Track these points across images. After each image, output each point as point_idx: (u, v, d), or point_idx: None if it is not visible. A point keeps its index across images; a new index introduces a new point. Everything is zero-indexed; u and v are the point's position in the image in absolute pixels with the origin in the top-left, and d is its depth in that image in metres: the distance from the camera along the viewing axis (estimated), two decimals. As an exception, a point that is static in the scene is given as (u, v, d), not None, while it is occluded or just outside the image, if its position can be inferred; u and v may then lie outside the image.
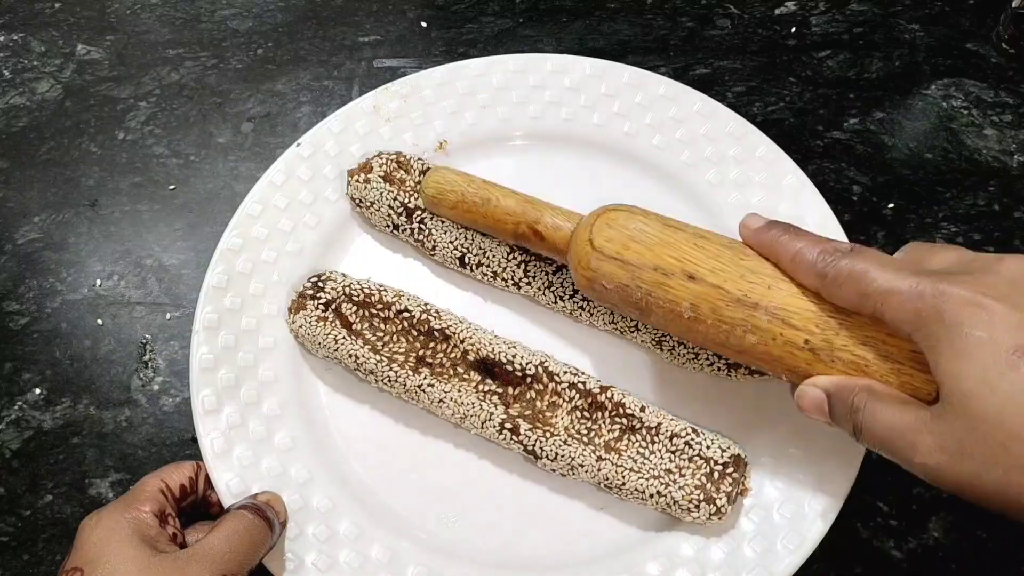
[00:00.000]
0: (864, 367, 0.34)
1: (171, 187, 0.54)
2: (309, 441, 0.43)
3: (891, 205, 0.53)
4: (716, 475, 0.40)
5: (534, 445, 0.41)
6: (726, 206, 0.48)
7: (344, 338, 0.43)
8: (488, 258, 0.46)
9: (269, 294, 0.46)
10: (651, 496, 0.40)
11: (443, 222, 0.47)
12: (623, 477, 0.40)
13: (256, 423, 0.43)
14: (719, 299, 0.36)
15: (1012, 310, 0.29)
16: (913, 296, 0.31)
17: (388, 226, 0.48)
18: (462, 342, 0.43)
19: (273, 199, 0.48)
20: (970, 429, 0.29)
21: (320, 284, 0.45)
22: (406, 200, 0.47)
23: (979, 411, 0.29)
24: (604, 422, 0.42)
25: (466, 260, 0.47)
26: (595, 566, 0.41)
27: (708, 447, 0.41)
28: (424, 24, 0.61)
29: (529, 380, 0.42)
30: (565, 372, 0.43)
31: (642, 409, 0.42)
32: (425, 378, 0.42)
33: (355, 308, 0.44)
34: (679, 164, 0.50)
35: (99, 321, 0.50)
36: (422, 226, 0.47)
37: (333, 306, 0.44)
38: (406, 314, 0.44)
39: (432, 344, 0.43)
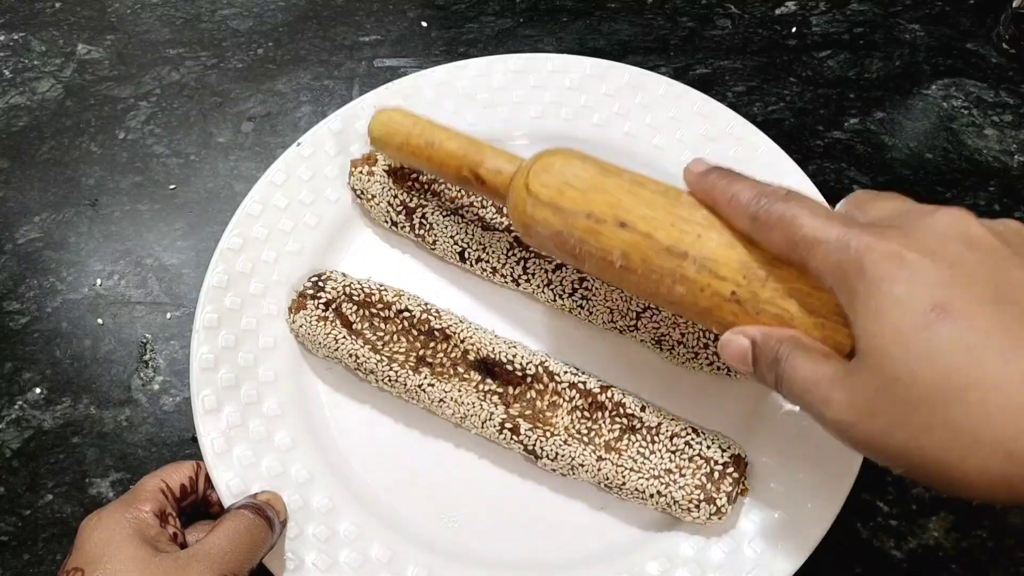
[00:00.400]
0: (788, 320, 0.33)
1: (171, 187, 0.54)
2: (309, 441, 0.44)
3: (891, 205, 0.53)
4: (716, 475, 0.40)
5: (534, 445, 0.41)
6: (726, 206, 0.48)
7: (344, 338, 0.43)
8: (488, 253, 0.46)
9: (269, 294, 0.46)
10: (651, 496, 0.40)
11: (444, 217, 0.47)
12: (623, 477, 0.40)
13: (256, 423, 0.43)
14: (649, 248, 0.35)
15: (935, 265, 0.28)
16: (838, 247, 0.30)
17: (387, 221, 0.48)
18: (462, 342, 0.43)
19: (273, 199, 0.48)
20: (882, 387, 0.28)
21: (320, 284, 0.45)
22: (407, 199, 0.47)
23: (892, 369, 0.28)
24: (604, 422, 0.42)
25: (466, 255, 0.47)
26: (595, 566, 0.41)
27: (708, 447, 0.41)
28: (424, 24, 0.61)
29: (529, 380, 0.42)
30: (565, 372, 0.43)
31: (642, 409, 0.42)
32: (425, 378, 0.42)
33: (355, 308, 0.44)
34: (680, 164, 0.50)
35: (99, 321, 0.50)
36: (423, 222, 0.47)
37: (333, 306, 0.44)
38: (406, 314, 0.44)
39: (432, 344, 0.43)
